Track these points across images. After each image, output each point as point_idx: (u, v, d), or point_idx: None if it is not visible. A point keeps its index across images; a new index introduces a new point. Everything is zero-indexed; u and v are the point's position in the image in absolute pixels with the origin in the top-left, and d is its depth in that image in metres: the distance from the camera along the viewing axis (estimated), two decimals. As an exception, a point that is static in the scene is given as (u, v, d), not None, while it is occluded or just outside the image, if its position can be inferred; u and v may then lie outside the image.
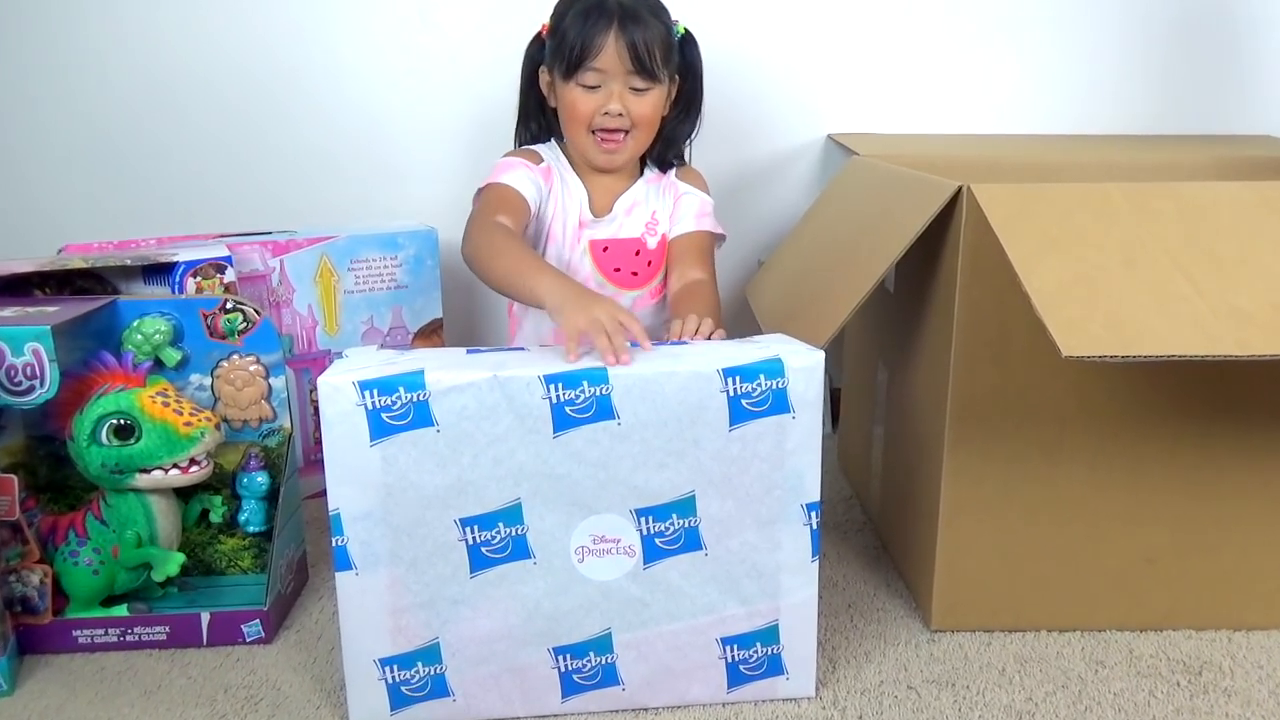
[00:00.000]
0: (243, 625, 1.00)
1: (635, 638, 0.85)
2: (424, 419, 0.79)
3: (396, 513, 0.80)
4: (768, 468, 0.82)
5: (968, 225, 0.89)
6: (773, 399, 0.81)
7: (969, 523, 0.96)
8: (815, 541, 0.85)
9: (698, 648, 0.86)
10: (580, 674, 0.86)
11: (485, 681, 0.85)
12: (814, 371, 0.82)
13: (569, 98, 1.12)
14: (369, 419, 0.78)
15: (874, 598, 1.07)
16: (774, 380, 0.81)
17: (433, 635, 0.84)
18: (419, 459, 0.79)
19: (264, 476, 1.08)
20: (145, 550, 1.00)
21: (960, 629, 1.00)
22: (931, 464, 0.98)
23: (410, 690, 0.85)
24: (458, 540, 0.82)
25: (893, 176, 1.10)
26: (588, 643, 0.85)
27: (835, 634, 1.00)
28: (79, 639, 0.99)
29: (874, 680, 0.92)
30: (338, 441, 0.79)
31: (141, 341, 1.03)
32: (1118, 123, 1.56)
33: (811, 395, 0.82)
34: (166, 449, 0.98)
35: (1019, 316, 0.90)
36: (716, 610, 0.85)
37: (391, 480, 0.80)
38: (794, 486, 0.83)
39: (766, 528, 0.84)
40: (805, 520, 0.84)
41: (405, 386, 0.78)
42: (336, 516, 0.80)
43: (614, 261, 1.18)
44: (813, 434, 0.83)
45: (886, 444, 1.16)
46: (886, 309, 1.15)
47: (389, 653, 0.83)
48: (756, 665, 0.87)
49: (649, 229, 1.19)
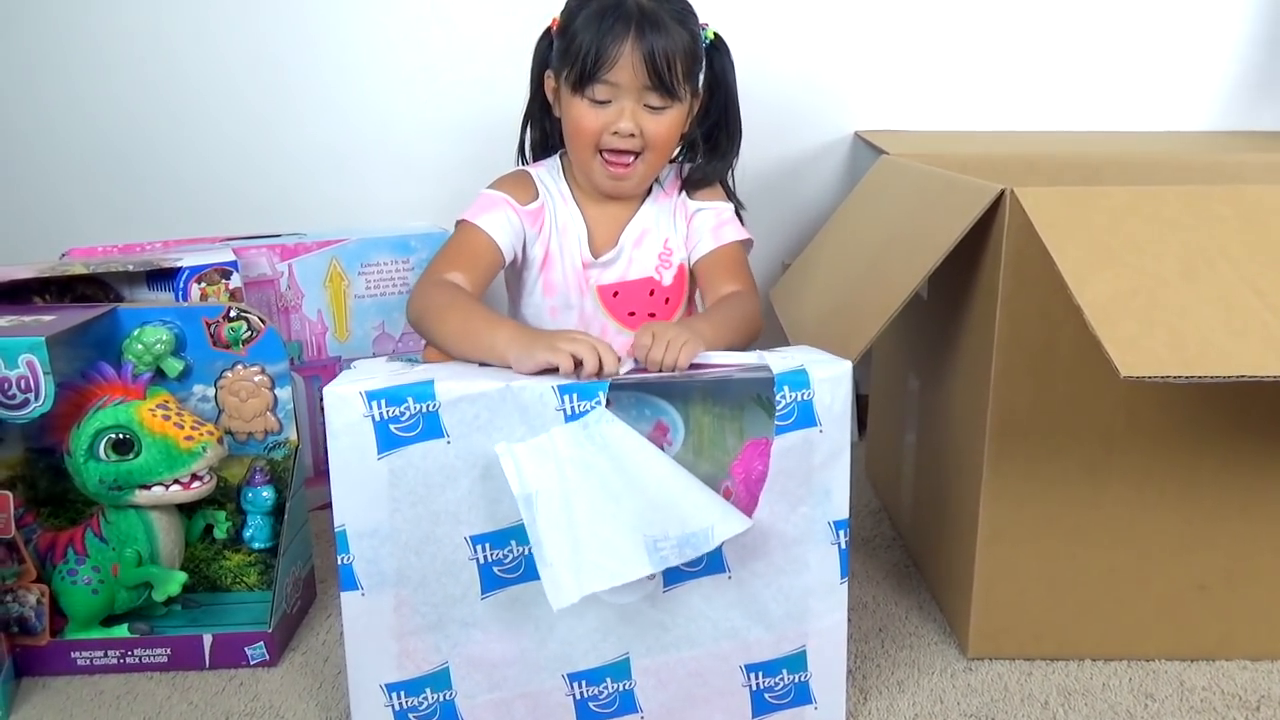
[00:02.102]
0: (246, 648, 0.96)
1: (654, 663, 0.81)
2: (434, 430, 0.75)
3: (405, 530, 0.77)
4: (794, 484, 0.78)
5: (1010, 231, 0.83)
6: (798, 412, 0.77)
7: (1009, 545, 0.91)
8: (844, 562, 0.80)
9: (720, 674, 0.82)
10: (596, 701, 0.81)
11: (497, 709, 0.81)
12: (841, 382, 0.77)
13: (575, 111, 0.98)
14: (376, 430, 0.75)
15: (906, 621, 1.02)
16: (799, 392, 0.76)
17: (441, 660, 0.80)
18: (428, 472, 0.76)
19: (269, 491, 1.04)
20: (146, 569, 0.96)
21: (999, 657, 0.94)
22: (969, 482, 0.93)
23: (418, 717, 0.81)
24: (468, 559, 0.78)
25: (928, 178, 1.05)
26: (604, 668, 0.81)
27: (865, 661, 0.95)
28: (77, 661, 0.95)
29: (908, 713, 0.87)
30: (344, 454, 0.75)
31: (142, 351, 0.99)
32: (1166, 118, 1.50)
33: (839, 407, 0.77)
34: (167, 464, 0.94)
35: (1065, 328, 0.85)
36: (740, 635, 0.81)
37: (400, 495, 0.76)
38: (821, 503, 0.79)
39: (793, 548, 0.79)
40: (833, 539, 0.80)
41: (415, 396, 0.74)
42: (342, 533, 0.77)
43: (627, 305, 1.06)
44: (841, 448, 0.78)
45: (919, 455, 1.11)
46: (919, 316, 1.10)
47: (396, 678, 0.80)
48: (783, 694, 0.83)
49: (663, 261, 1.06)
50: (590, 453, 0.75)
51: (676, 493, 0.75)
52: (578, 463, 0.75)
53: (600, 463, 0.75)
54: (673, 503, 0.74)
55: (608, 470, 0.75)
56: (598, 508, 0.74)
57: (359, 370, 0.80)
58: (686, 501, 0.75)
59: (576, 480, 0.74)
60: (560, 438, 0.75)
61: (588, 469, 0.75)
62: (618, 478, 0.75)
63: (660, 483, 0.75)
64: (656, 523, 0.74)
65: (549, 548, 0.73)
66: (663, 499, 0.75)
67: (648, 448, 0.76)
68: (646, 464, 0.75)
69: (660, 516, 0.74)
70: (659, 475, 0.75)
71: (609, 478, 0.75)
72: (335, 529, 0.77)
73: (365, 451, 0.75)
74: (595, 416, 0.76)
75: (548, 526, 0.74)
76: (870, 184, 1.27)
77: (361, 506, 0.76)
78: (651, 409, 0.80)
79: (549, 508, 0.74)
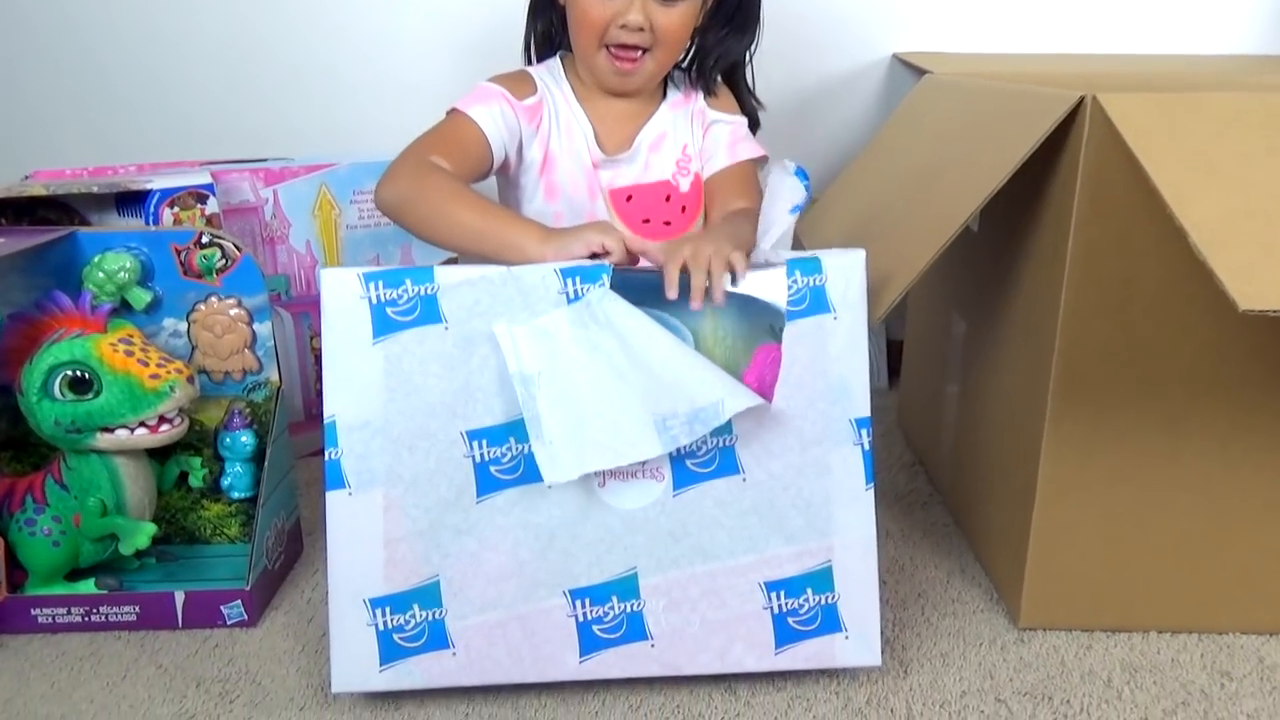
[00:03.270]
0: (222, 606, 0.88)
1: (665, 580, 0.74)
2: (431, 314, 0.71)
3: (397, 422, 0.72)
4: (809, 376, 0.73)
5: (1090, 146, 0.72)
6: (810, 297, 0.73)
7: (1071, 504, 0.81)
8: (869, 465, 0.74)
9: (738, 594, 0.74)
10: (601, 625, 0.74)
11: (491, 632, 0.73)
12: (854, 269, 0.73)
13: (582, 2, 0.90)
14: (373, 314, 0.71)
15: (947, 586, 0.93)
16: (811, 277, 0.73)
17: (432, 571, 0.72)
18: (424, 360, 0.71)
19: (249, 436, 0.94)
20: (111, 519, 0.87)
21: (1054, 628, 0.85)
22: (1028, 436, 0.82)
23: (404, 639, 0.73)
24: (463, 456, 0.72)
25: (986, 93, 0.93)
26: (610, 584, 0.73)
27: (904, 629, 0.86)
28: (38, 618, 0.87)
29: (954, 689, 0.78)
30: (338, 339, 0.71)
31: (104, 280, 0.89)
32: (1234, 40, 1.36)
33: (853, 294, 0.73)
34: (130, 405, 0.84)
35: (1148, 259, 0.74)
36: (759, 548, 0.74)
37: (394, 384, 0.71)
38: (840, 399, 0.73)
39: (812, 448, 0.73)
40: (855, 438, 0.74)
41: (413, 279, 0.71)
42: (331, 426, 0.71)
43: (641, 211, 0.97)
44: (858, 338, 0.73)
45: (963, 407, 1.01)
46: (967, 251, 0.99)
47: (381, 591, 0.72)
48: (808, 617, 0.75)
49: (680, 168, 0.98)
50: (594, 332, 0.70)
51: (684, 369, 0.70)
52: (581, 342, 0.70)
53: (605, 341, 0.70)
54: (680, 379, 0.70)
55: (613, 349, 0.70)
56: (602, 387, 0.70)
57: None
58: (694, 377, 0.70)
59: (580, 360, 0.70)
60: (562, 318, 0.71)
61: (592, 348, 0.70)
62: (623, 356, 0.70)
63: (666, 360, 0.70)
64: (664, 400, 0.69)
65: (548, 425, 0.69)
66: (670, 376, 0.70)
67: (652, 326, 0.71)
68: (652, 342, 0.71)
69: (668, 394, 0.69)
70: (665, 352, 0.71)
71: (614, 356, 0.70)
72: (325, 421, 0.71)
73: (360, 336, 0.71)
74: (598, 295, 0.71)
75: (547, 405, 0.69)
76: (913, 105, 1.15)
77: (354, 396, 0.71)
78: (661, 323, 0.73)
79: (549, 387, 0.70)
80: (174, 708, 0.77)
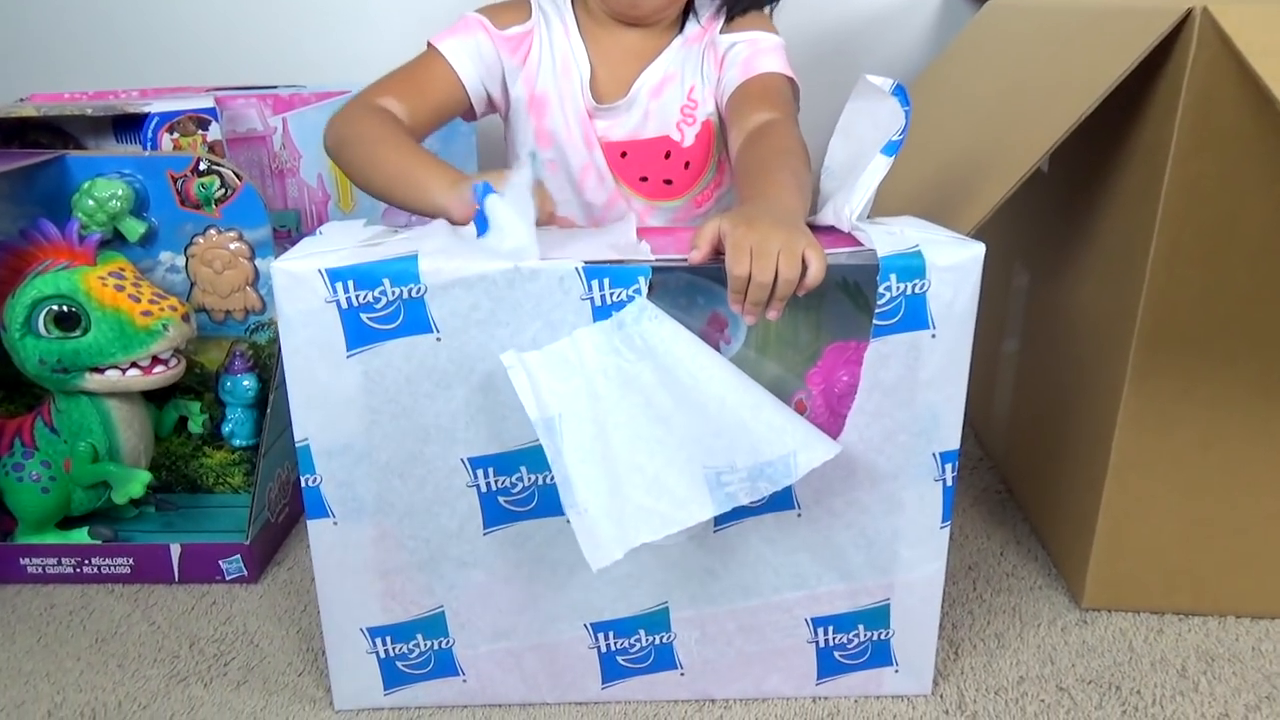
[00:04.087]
0: (221, 561, 0.82)
1: (699, 614, 0.65)
2: (419, 322, 0.58)
3: (385, 448, 0.60)
4: (891, 404, 0.60)
5: (1197, 66, 0.62)
6: (905, 308, 0.58)
7: (1148, 475, 0.73)
8: (948, 503, 0.63)
9: (780, 629, 0.66)
10: (627, 655, 0.66)
11: (504, 661, 0.66)
12: (969, 273, 0.58)
13: None
14: (344, 321, 0.57)
15: (1001, 559, 0.85)
16: (910, 283, 0.57)
17: (435, 603, 0.64)
18: (413, 377, 0.59)
19: (251, 380, 0.88)
20: (102, 466, 0.82)
21: (1121, 609, 0.78)
22: (1103, 398, 0.74)
23: (408, 667, 0.66)
24: (466, 486, 0.61)
25: (1067, 14, 0.83)
26: (637, 619, 0.65)
27: (955, 606, 0.79)
28: (28, 568, 0.82)
29: (1010, 675, 0.71)
30: (302, 350, 0.58)
31: (94, 208, 0.82)
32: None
33: (962, 305, 0.58)
34: (121, 344, 0.78)
35: (1254, 200, 0.65)
36: (808, 585, 0.65)
37: (378, 404, 0.59)
38: (926, 430, 0.61)
39: (884, 484, 0.62)
40: (937, 474, 0.62)
41: (392, 278, 0.57)
42: (305, 450, 0.60)
43: (637, 169, 0.84)
44: (959, 360, 0.60)
45: (1023, 363, 0.92)
46: (1033, 193, 0.89)
47: (380, 622, 0.65)
48: (856, 652, 0.67)
49: (686, 116, 0.83)
50: (628, 361, 0.57)
51: (745, 410, 0.57)
52: (613, 375, 0.57)
53: (643, 374, 0.57)
54: (741, 424, 0.57)
55: (652, 383, 0.57)
56: (641, 433, 0.57)
57: (325, 239, 0.63)
58: (760, 421, 0.57)
59: (612, 398, 0.57)
60: (587, 341, 0.58)
61: (626, 383, 0.57)
62: (666, 393, 0.57)
63: (724, 398, 0.57)
64: (719, 450, 0.57)
65: (581, 489, 0.57)
66: (728, 419, 0.57)
67: (705, 353, 0.58)
68: (704, 373, 0.57)
69: (725, 443, 0.57)
70: (722, 388, 0.57)
71: (654, 393, 0.57)
72: (296, 444, 0.60)
73: (330, 347, 0.58)
74: (634, 312, 0.57)
75: (578, 460, 0.57)
76: (975, 34, 1.05)
77: (328, 418, 0.60)
78: (706, 297, 0.60)
79: (578, 436, 0.57)
80: (165, 669, 0.72)
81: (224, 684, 0.70)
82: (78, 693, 0.69)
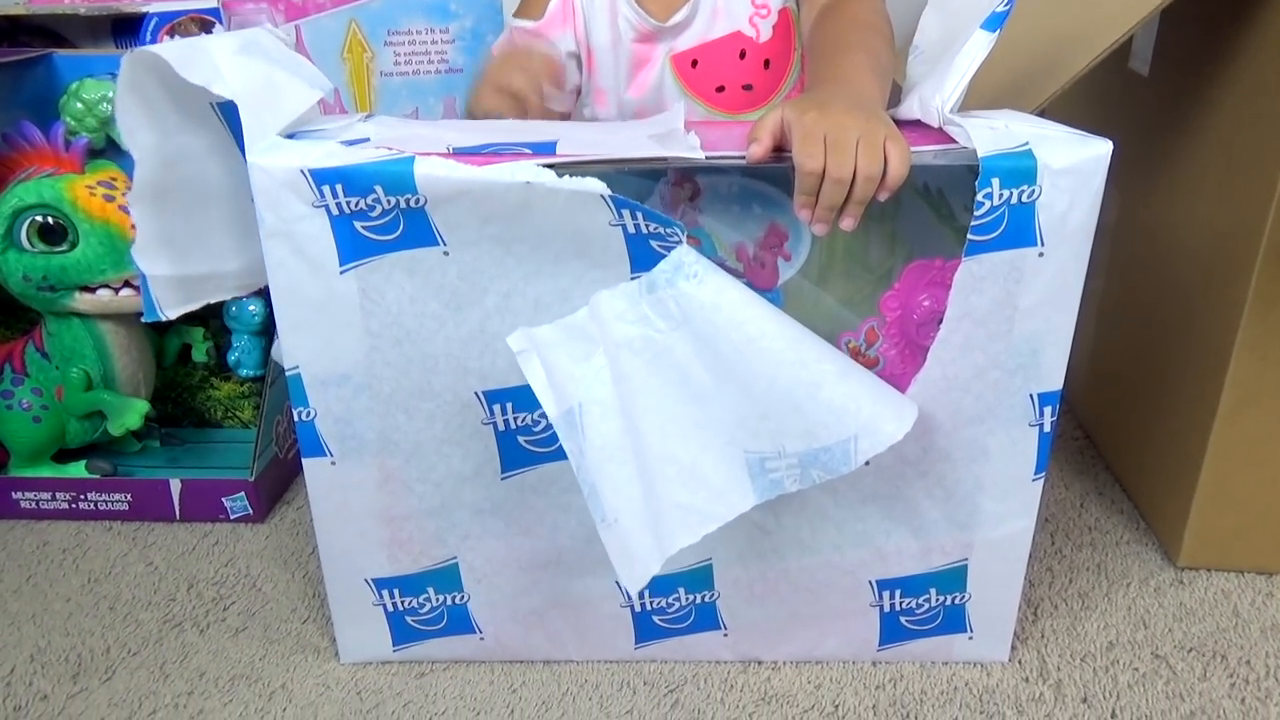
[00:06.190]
0: (224, 499, 0.76)
1: (747, 573, 0.58)
2: (422, 233, 0.49)
3: (388, 378, 0.53)
4: (984, 336, 0.51)
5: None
6: (1009, 220, 0.48)
7: (1263, 418, 0.64)
8: (1044, 452, 0.54)
9: (840, 591, 0.58)
10: (664, 615, 0.59)
11: (526, 619, 0.59)
12: (1090, 176, 0.48)
13: None
14: (335, 230, 0.49)
15: (1081, 511, 0.76)
16: (1017, 189, 0.47)
17: (448, 554, 0.57)
18: (417, 296, 0.51)
19: (257, 305, 0.81)
20: (96, 394, 0.75)
21: (1224, 568, 0.69)
22: (1213, 328, 0.65)
23: (419, 622, 0.59)
24: (482, 424, 0.53)
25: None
26: (677, 576, 0.57)
27: (1032, 562, 0.68)
28: (20, 503, 0.77)
29: (1098, 640, 0.63)
30: (287, 264, 0.50)
31: (82, 112, 0.75)
32: None
33: (1078, 218, 0.48)
34: (111, 259, 0.71)
35: None
36: (873, 543, 0.56)
37: (377, 328, 0.51)
38: (1024, 366, 0.52)
39: (969, 428, 0.53)
40: (1034, 418, 0.53)
41: (385, 186, 0.48)
42: (295, 379, 0.53)
43: (711, 77, 0.74)
44: (1069, 286, 0.50)
45: (1109, 292, 0.83)
46: (1129, 100, 0.79)
47: (387, 573, 0.58)
48: (926, 618, 0.59)
49: (758, 7, 0.72)
50: (659, 331, 0.49)
51: (800, 390, 0.48)
52: (641, 349, 0.49)
53: (676, 346, 0.49)
54: (794, 406, 0.48)
55: (688, 357, 0.49)
56: (675, 416, 0.49)
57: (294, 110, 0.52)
58: (817, 403, 0.48)
59: (640, 377, 0.49)
60: (609, 308, 0.49)
61: (657, 358, 0.49)
62: (705, 369, 0.49)
63: (775, 376, 0.48)
64: (765, 434, 0.49)
65: (609, 495, 0.49)
66: (777, 401, 0.48)
67: (756, 315, 0.48)
68: (753, 345, 0.48)
69: (772, 425, 0.48)
70: (772, 364, 0.48)
71: (691, 369, 0.49)
72: (287, 372, 0.53)
73: (320, 261, 0.50)
74: (668, 270, 0.48)
75: (604, 460, 0.49)
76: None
77: (322, 342, 0.52)
78: (763, 205, 0.52)
79: (602, 430, 0.49)
80: (159, 612, 0.66)
81: (221, 630, 0.64)
82: (64, 637, 0.64)
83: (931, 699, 0.58)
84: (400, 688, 0.59)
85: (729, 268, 0.52)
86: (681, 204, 0.52)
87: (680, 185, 0.52)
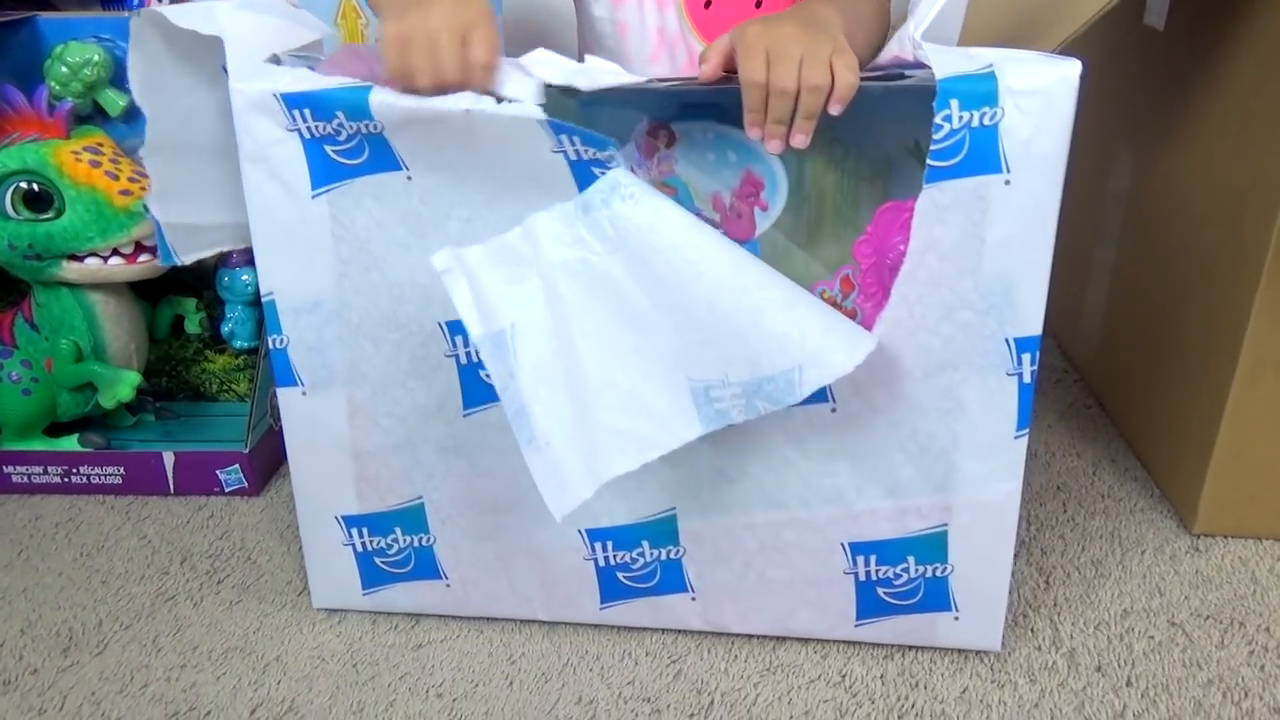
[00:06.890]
0: (219, 471, 0.75)
1: (711, 526, 0.56)
2: (385, 158, 0.51)
3: (356, 305, 0.53)
4: (950, 271, 0.48)
5: None
6: (970, 144, 0.46)
7: None
8: (1026, 405, 0.51)
9: (809, 552, 0.55)
10: (628, 572, 0.58)
11: (490, 566, 0.59)
12: (1057, 99, 0.45)
13: None
14: (308, 153, 0.50)
15: (1094, 479, 0.75)
16: (975, 111, 0.45)
17: (414, 492, 0.57)
18: (384, 220, 0.52)
19: (250, 274, 0.79)
20: (86, 366, 0.74)
21: (1240, 534, 0.67)
22: (1231, 288, 0.63)
23: (387, 564, 0.59)
24: (444, 356, 0.54)
25: None
26: (639, 526, 0.56)
27: (1044, 529, 0.69)
28: (12, 477, 0.76)
29: (1113, 608, 0.61)
30: (263, 188, 0.52)
31: (66, 76, 0.73)
32: None
33: (1046, 144, 0.46)
34: (99, 227, 0.70)
35: None
36: (845, 500, 0.54)
37: (347, 253, 0.52)
38: (996, 306, 0.49)
39: (940, 374, 0.50)
40: (1012, 366, 0.50)
41: (347, 112, 0.49)
42: (270, 305, 0.54)
43: (725, 21, 0.69)
44: (1041, 218, 0.47)
45: (1123, 257, 0.81)
46: (1144, 56, 0.77)
47: (355, 510, 0.58)
48: (905, 591, 0.56)
49: None
50: (596, 254, 0.48)
51: (742, 316, 0.47)
52: (577, 271, 0.48)
53: (613, 270, 0.48)
54: (736, 333, 0.47)
55: (625, 281, 0.48)
56: (614, 342, 0.48)
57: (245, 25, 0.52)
58: (759, 329, 0.47)
59: (577, 301, 0.48)
60: (544, 230, 0.49)
61: (594, 281, 0.48)
62: (643, 292, 0.48)
63: (715, 300, 0.47)
64: (710, 362, 0.47)
65: (541, 418, 0.48)
66: (720, 327, 0.47)
67: (697, 240, 0.47)
68: (693, 268, 0.47)
69: (716, 354, 0.47)
70: (713, 287, 0.47)
71: (629, 293, 0.48)
72: (263, 298, 0.54)
73: (294, 185, 0.51)
74: (603, 190, 0.48)
75: (536, 383, 0.48)
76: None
77: (296, 268, 0.53)
78: (739, 152, 0.51)
79: (535, 351, 0.48)
80: (152, 585, 0.65)
81: (215, 603, 0.63)
82: (55, 611, 0.63)
83: (941, 668, 0.57)
84: (397, 659, 0.58)
85: (706, 217, 0.50)
86: (657, 152, 0.51)
87: (655, 134, 0.51)
